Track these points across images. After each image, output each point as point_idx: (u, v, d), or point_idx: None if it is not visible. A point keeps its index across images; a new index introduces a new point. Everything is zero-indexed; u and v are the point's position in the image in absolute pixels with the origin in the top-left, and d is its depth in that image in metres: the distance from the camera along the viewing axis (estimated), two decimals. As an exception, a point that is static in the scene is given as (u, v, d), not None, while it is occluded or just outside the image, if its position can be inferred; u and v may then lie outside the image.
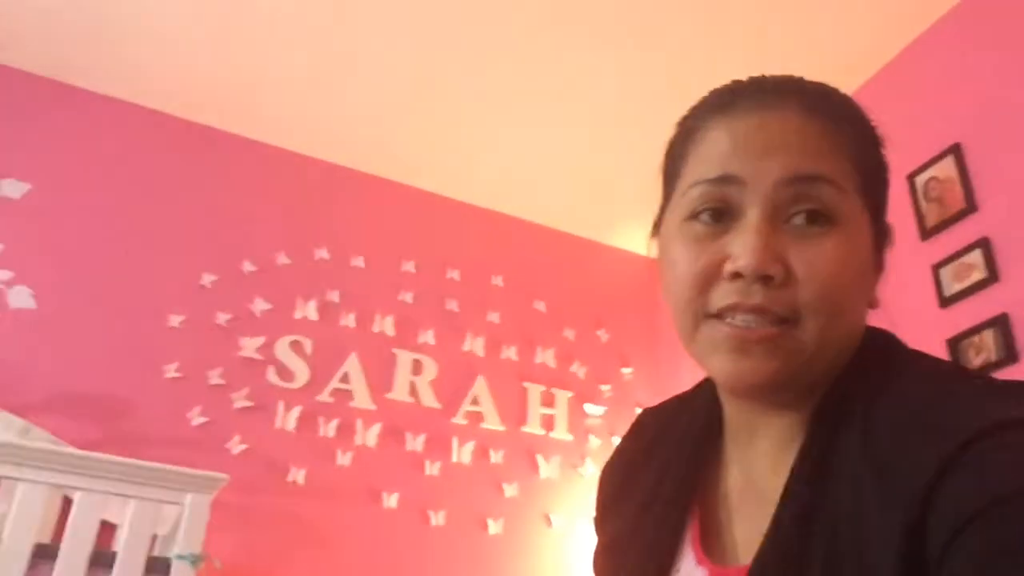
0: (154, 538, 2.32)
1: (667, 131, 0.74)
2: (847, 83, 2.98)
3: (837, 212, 0.62)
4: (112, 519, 2.39)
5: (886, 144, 0.71)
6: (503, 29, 2.90)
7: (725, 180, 0.64)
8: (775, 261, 0.61)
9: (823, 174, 0.63)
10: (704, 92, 0.72)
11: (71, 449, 2.44)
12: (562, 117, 3.30)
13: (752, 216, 0.62)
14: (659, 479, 0.75)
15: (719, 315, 0.63)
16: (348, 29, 2.93)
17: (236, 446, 2.92)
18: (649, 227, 0.75)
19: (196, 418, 2.91)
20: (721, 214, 0.64)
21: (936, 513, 0.50)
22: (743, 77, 0.71)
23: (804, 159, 0.63)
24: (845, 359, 0.65)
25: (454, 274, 3.63)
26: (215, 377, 3.01)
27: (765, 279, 0.60)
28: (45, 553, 1.95)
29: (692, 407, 0.80)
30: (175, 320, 3.03)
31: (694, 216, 0.66)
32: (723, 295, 0.62)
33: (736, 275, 0.61)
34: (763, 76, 0.70)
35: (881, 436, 0.57)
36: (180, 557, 2.02)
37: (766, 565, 0.58)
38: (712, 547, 0.68)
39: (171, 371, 2.95)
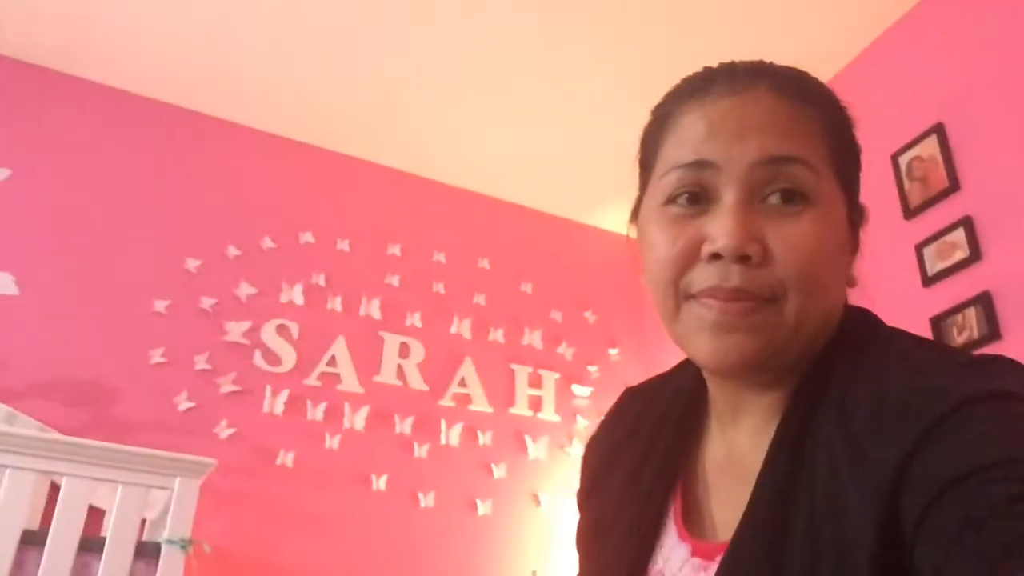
0: (143, 523, 2.32)
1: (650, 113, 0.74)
2: (831, 65, 2.98)
3: (812, 191, 0.63)
4: (100, 504, 2.39)
5: (860, 125, 0.72)
6: (489, 13, 2.88)
7: (700, 165, 0.65)
8: (752, 241, 0.61)
9: (797, 155, 0.63)
10: (687, 74, 0.73)
11: (58, 435, 2.44)
12: (547, 99, 3.29)
13: (728, 198, 0.63)
14: (643, 458, 0.76)
15: (698, 296, 0.63)
16: (333, 12, 2.90)
17: (224, 430, 2.92)
18: None
19: (183, 403, 2.91)
20: (698, 197, 0.65)
21: (909, 488, 0.51)
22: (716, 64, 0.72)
23: (778, 140, 0.64)
24: (825, 337, 0.66)
25: (440, 257, 3.63)
26: (201, 362, 3.00)
27: (743, 259, 0.61)
28: (33, 539, 1.94)
29: (674, 385, 0.81)
30: (160, 305, 3.02)
31: (671, 200, 0.66)
32: (703, 277, 0.63)
33: (715, 256, 0.62)
34: (734, 62, 0.70)
35: (857, 413, 0.58)
36: (169, 541, 2.02)
37: (745, 540, 0.59)
38: (695, 523, 0.69)
39: (157, 356, 2.94)
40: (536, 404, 3.52)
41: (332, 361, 3.21)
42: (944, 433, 0.51)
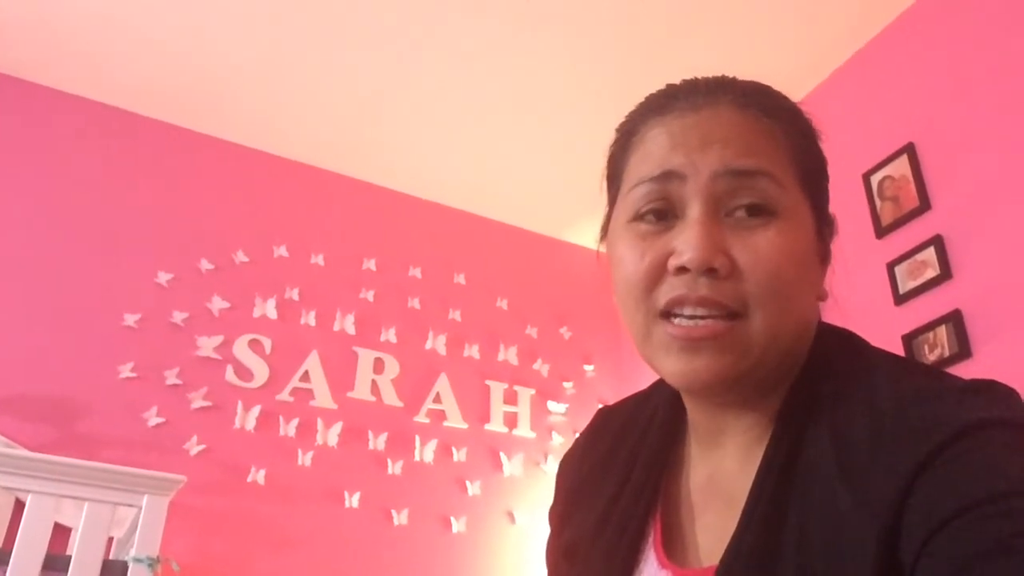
0: (110, 541, 2.28)
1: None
2: (802, 85, 3.02)
3: (777, 204, 0.63)
4: (66, 522, 2.35)
5: (832, 145, 0.72)
6: (465, 31, 2.89)
7: (666, 177, 0.65)
8: (719, 253, 0.61)
9: (760, 168, 0.64)
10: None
11: (23, 451, 2.39)
12: (523, 115, 3.29)
13: (694, 211, 0.63)
14: (622, 482, 0.74)
15: (667, 313, 0.63)
16: (311, 26, 2.90)
17: (194, 447, 2.88)
18: None
19: (152, 419, 2.86)
20: (664, 212, 0.65)
21: (910, 518, 0.50)
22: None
23: (740, 153, 0.64)
24: (801, 353, 0.66)
25: (416, 272, 3.62)
26: (172, 377, 2.96)
27: (710, 272, 0.61)
28: (-4, 558, 1.91)
29: (652, 405, 0.80)
30: (130, 319, 2.98)
31: (638, 217, 0.66)
32: (670, 289, 0.63)
33: (681, 269, 0.62)
34: (696, 78, 0.71)
35: (852, 438, 0.57)
36: (137, 560, 1.98)
37: (734, 566, 0.58)
38: (675, 549, 0.68)
39: (126, 371, 2.89)
40: (511, 420, 3.51)
41: (305, 376, 3.18)
42: (944, 463, 0.50)
